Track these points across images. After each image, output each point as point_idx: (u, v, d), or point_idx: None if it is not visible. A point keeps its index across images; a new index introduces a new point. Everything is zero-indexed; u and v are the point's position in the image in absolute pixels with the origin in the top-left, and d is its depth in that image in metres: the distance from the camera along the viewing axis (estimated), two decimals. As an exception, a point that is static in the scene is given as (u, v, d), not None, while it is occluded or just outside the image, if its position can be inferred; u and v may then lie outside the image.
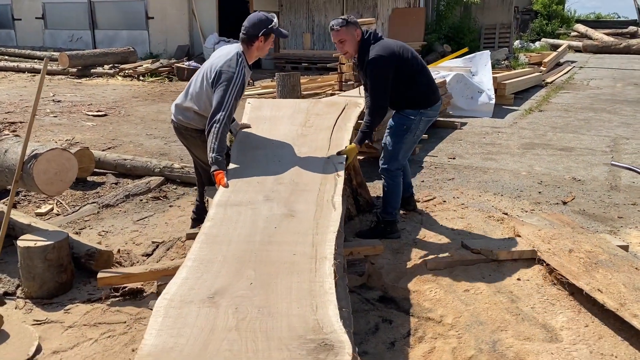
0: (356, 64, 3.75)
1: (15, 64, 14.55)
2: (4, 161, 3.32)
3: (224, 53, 3.33)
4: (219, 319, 1.94)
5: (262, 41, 3.27)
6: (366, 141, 3.65)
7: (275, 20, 3.29)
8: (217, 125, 3.08)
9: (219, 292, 2.10)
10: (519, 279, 3.20)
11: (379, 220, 3.88)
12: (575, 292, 2.98)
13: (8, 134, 3.64)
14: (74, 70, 13.45)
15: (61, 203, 4.69)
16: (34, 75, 13.59)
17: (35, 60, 15.35)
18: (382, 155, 3.85)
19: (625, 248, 3.48)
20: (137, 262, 3.57)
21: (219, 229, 2.60)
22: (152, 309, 2.89)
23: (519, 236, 3.62)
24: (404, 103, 3.69)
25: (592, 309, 2.85)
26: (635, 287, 2.73)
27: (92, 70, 13.58)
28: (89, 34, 17.97)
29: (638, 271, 2.92)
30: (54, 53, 15.53)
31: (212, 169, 3.06)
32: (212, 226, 2.63)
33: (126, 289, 3.11)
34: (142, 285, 3.17)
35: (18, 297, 3.09)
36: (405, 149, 3.79)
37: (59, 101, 9.92)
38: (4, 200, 4.42)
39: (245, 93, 11.25)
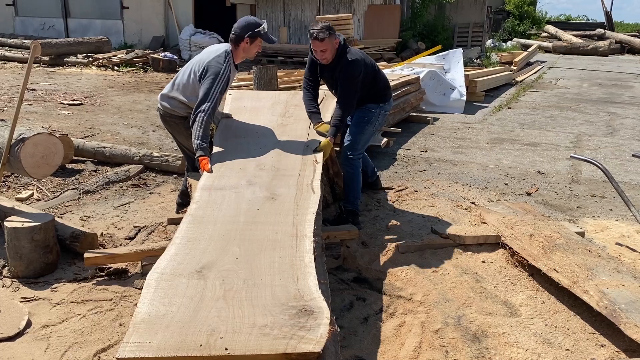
0: (318, 66, 3.91)
1: (-13, 52, 14.27)
2: (-10, 144, 3.39)
3: (213, 50, 3.52)
4: (207, 290, 2.09)
5: (248, 43, 3.45)
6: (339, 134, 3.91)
7: (265, 25, 3.48)
8: (202, 115, 3.26)
9: (207, 267, 2.25)
10: (483, 261, 3.43)
11: (342, 211, 4.09)
12: (535, 274, 3.23)
13: (-7, 119, 3.68)
14: (46, 58, 13.26)
15: (41, 189, 4.74)
16: (5, 63, 13.36)
17: (6, 48, 15.06)
18: (344, 145, 4.09)
19: (581, 234, 3.75)
20: (120, 244, 3.68)
21: (204, 211, 2.75)
22: (137, 288, 3.05)
23: (485, 223, 3.86)
24: (366, 99, 4.01)
25: (549, 288, 3.10)
26: (587, 266, 2.98)
27: (65, 59, 13.42)
28: (61, 23, 17.69)
29: (591, 253, 3.18)
30: (25, 41, 15.27)
31: (196, 155, 3.21)
32: (198, 208, 2.78)
33: (111, 269, 3.23)
34: (126, 265, 3.30)
35: (4, 277, 3.17)
36: (365, 139, 4.09)
37: (32, 89, 9.82)
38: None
39: (222, 85, 11.33)
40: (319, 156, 3.35)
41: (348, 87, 3.81)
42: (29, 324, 2.72)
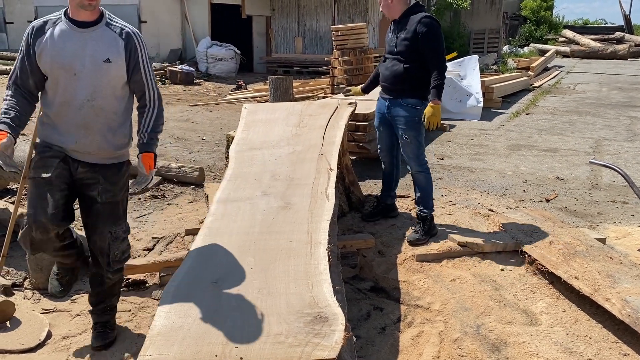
0: (392, 26, 3.84)
1: (7, 67, 14.59)
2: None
3: None
4: (222, 301, 2.11)
5: None
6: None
7: None
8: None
9: (222, 278, 2.27)
10: (502, 270, 3.38)
11: (424, 220, 3.83)
12: (555, 281, 3.17)
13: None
14: (68, 73, 13.53)
15: (62, 201, 4.82)
16: (27, 79, 13.65)
17: (28, 64, 15.39)
18: (407, 157, 3.85)
19: (602, 241, 3.68)
20: (139, 256, 3.71)
21: (220, 223, 2.77)
22: (155, 299, 3.08)
23: (503, 230, 3.81)
24: (418, 86, 3.70)
25: (570, 295, 3.04)
26: (608, 274, 2.92)
27: (85, 73, 13.67)
28: (81, 38, 18.05)
29: (612, 260, 3.12)
30: (47, 57, 15.61)
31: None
32: (214, 221, 2.80)
33: (130, 280, 3.26)
34: (145, 276, 3.33)
35: (26, 289, 3.23)
36: (422, 139, 3.89)
37: (53, 104, 10.02)
38: (6, 198, 4.55)
39: (238, 96, 11.42)
40: (333, 163, 3.34)
41: (437, 43, 3.60)
42: (49, 335, 2.76)
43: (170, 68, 13.65)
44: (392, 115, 3.87)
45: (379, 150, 4.21)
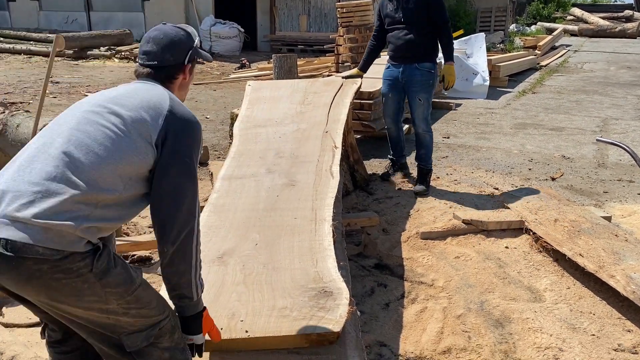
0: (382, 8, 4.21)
1: (10, 45, 14.53)
2: (16, 135, 3.46)
3: (150, 94, 1.69)
4: (227, 275, 2.12)
5: (188, 74, 1.86)
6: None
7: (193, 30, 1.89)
8: (194, 239, 1.74)
9: (227, 253, 2.27)
10: (507, 247, 3.38)
11: (428, 173, 4.39)
12: (559, 259, 3.17)
13: (19, 110, 3.76)
14: (70, 52, 13.47)
15: (67, 179, 4.83)
16: (30, 57, 13.60)
17: (31, 42, 15.33)
18: (417, 118, 4.26)
19: (608, 219, 3.67)
20: (144, 232, 3.73)
21: (225, 200, 2.78)
22: (160, 275, 3.08)
23: (508, 208, 3.80)
24: (430, 51, 4.11)
25: (575, 273, 3.04)
26: (613, 251, 2.92)
27: (88, 52, 13.60)
28: (84, 16, 17.93)
29: (617, 237, 3.11)
30: (50, 35, 15.53)
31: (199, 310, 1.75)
32: (219, 197, 2.81)
33: (135, 256, 3.28)
34: (150, 252, 3.35)
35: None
36: (431, 101, 4.30)
37: (57, 82, 10.00)
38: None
39: (242, 75, 11.35)
40: (338, 141, 3.33)
41: (444, 10, 4.00)
42: (56, 309, 2.78)
43: (173, 46, 13.54)
44: (407, 79, 4.16)
45: (384, 117, 4.52)
